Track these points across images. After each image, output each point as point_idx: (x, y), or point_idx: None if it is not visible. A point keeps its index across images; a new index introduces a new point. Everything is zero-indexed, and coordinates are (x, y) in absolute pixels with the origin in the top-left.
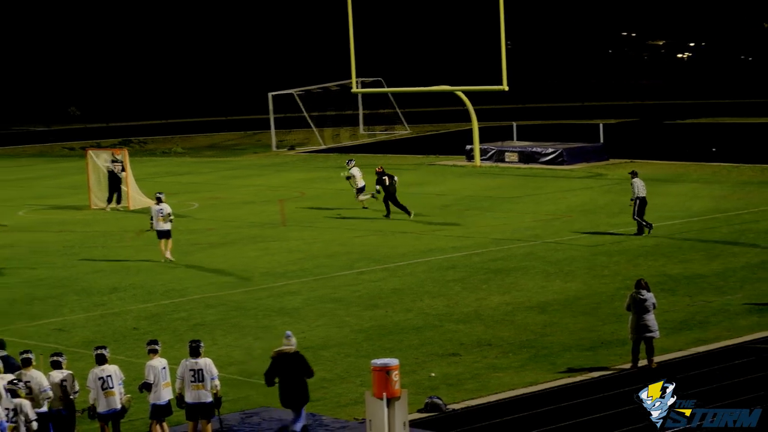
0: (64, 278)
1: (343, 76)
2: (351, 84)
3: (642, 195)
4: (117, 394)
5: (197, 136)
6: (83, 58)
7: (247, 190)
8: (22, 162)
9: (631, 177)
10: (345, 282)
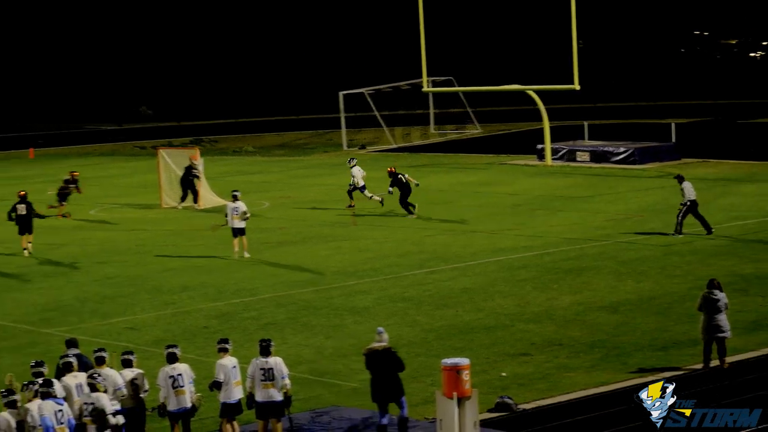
0: (136, 277)
1: (414, 75)
2: (422, 83)
3: (692, 198)
4: (187, 393)
5: (268, 135)
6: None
7: (317, 189)
8: (93, 160)
9: (679, 182)
10: (416, 281)
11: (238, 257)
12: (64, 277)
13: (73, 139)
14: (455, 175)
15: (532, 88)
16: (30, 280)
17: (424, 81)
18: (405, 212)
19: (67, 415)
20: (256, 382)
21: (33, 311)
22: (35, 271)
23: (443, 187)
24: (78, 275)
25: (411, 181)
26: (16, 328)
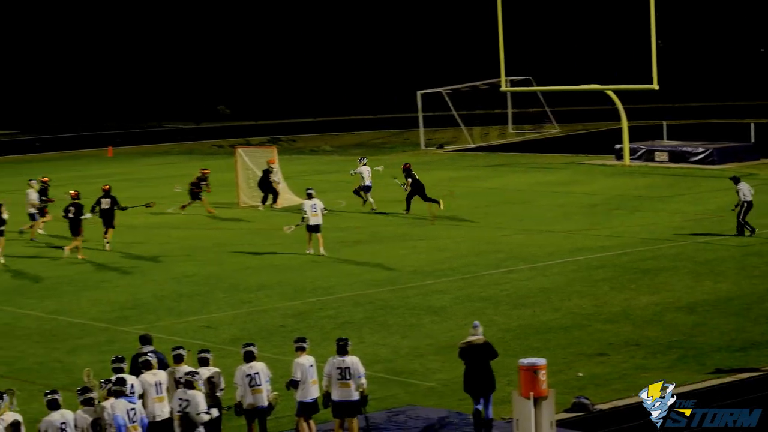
0: (212, 275)
1: (492, 74)
2: (500, 82)
3: (749, 199)
4: (264, 392)
5: (346, 134)
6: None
7: (394, 189)
8: (171, 159)
9: (735, 183)
10: (493, 281)
11: (314, 253)
12: (141, 275)
13: (151, 137)
14: (533, 174)
15: (610, 87)
16: (108, 278)
17: (502, 80)
18: (404, 208)
19: (139, 413)
20: (332, 381)
21: (110, 309)
22: (113, 269)
23: (521, 187)
24: (155, 273)
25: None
26: (94, 326)
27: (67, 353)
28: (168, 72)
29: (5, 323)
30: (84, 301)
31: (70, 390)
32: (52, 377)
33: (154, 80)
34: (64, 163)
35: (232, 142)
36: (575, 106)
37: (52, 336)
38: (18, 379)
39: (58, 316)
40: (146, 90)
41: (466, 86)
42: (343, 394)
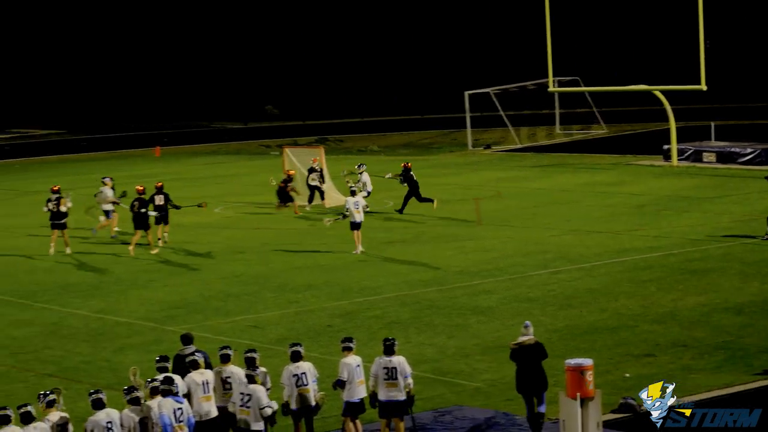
0: (260, 275)
1: (540, 75)
2: (548, 83)
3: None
4: (311, 391)
5: (393, 134)
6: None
7: (442, 189)
8: (219, 159)
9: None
10: (540, 281)
11: (358, 252)
12: (189, 274)
13: (198, 137)
14: (580, 175)
15: (658, 88)
16: (156, 277)
17: (549, 81)
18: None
19: (186, 413)
20: (379, 381)
21: (158, 309)
22: (161, 269)
23: (568, 187)
24: (203, 273)
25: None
26: (141, 325)
27: (114, 352)
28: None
29: (52, 322)
30: (131, 301)
31: (117, 389)
32: (99, 376)
33: (203, 80)
34: (111, 163)
35: (279, 142)
36: (623, 106)
37: (99, 335)
38: (65, 378)
39: (105, 315)
40: (195, 90)
41: (513, 86)
42: (389, 394)
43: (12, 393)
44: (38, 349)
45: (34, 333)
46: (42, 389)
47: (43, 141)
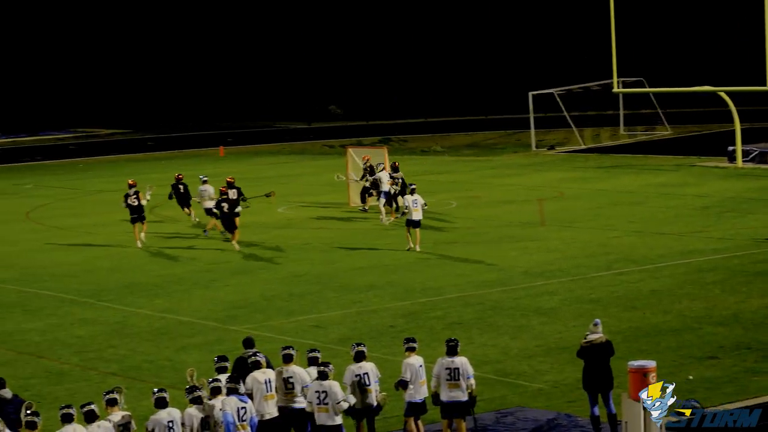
0: (322, 275)
1: (604, 75)
2: (612, 84)
3: None
4: (373, 392)
5: (457, 134)
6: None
7: (506, 189)
8: (282, 159)
9: None
10: (603, 283)
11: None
12: (251, 274)
13: (262, 137)
14: (644, 176)
15: (723, 89)
16: (218, 277)
17: (614, 82)
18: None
19: (250, 412)
20: (441, 382)
21: (220, 308)
22: (223, 269)
23: (632, 189)
24: (265, 273)
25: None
26: (204, 324)
27: (176, 351)
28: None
29: (116, 321)
30: (194, 300)
31: (179, 388)
32: (162, 375)
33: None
34: (176, 162)
35: (343, 142)
36: (687, 107)
37: (161, 334)
38: (127, 376)
39: (168, 314)
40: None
41: (578, 87)
42: (451, 394)
43: (76, 392)
44: (102, 347)
45: (98, 332)
46: (105, 388)
47: (107, 140)
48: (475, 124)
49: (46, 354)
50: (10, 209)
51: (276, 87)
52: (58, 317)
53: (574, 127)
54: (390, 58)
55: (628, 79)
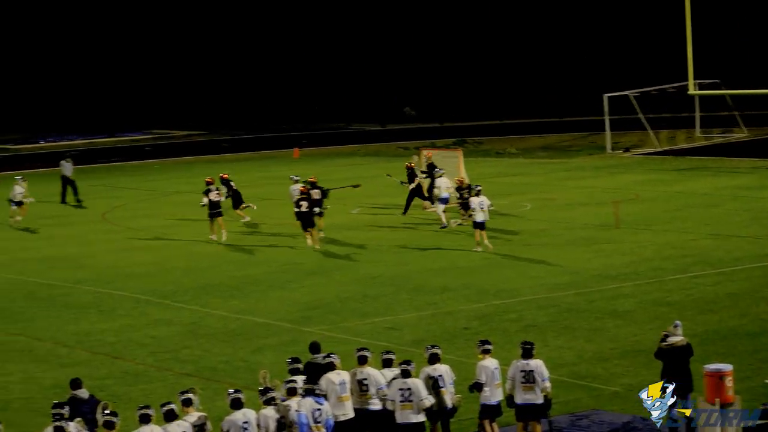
0: (397, 277)
1: (680, 77)
2: (688, 86)
3: None
4: (448, 393)
5: (531, 137)
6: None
7: (580, 192)
8: (357, 161)
9: None
10: (678, 286)
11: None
12: (326, 275)
13: (336, 139)
14: (720, 179)
15: None
16: (293, 278)
17: (690, 84)
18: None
19: (325, 414)
20: (516, 384)
21: (295, 309)
22: (298, 270)
23: (708, 191)
24: (340, 274)
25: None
26: (278, 326)
27: (251, 352)
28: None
29: (191, 322)
30: (269, 301)
31: (253, 389)
32: (237, 376)
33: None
34: (252, 164)
35: (416, 144)
36: (765, 109)
37: (237, 335)
38: (202, 377)
39: (243, 315)
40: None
41: (653, 89)
42: (526, 397)
43: (151, 392)
44: (177, 348)
45: (173, 332)
46: (180, 389)
47: (183, 142)
48: (549, 126)
49: (122, 354)
50: (87, 210)
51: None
52: (133, 318)
53: (649, 129)
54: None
55: (704, 80)
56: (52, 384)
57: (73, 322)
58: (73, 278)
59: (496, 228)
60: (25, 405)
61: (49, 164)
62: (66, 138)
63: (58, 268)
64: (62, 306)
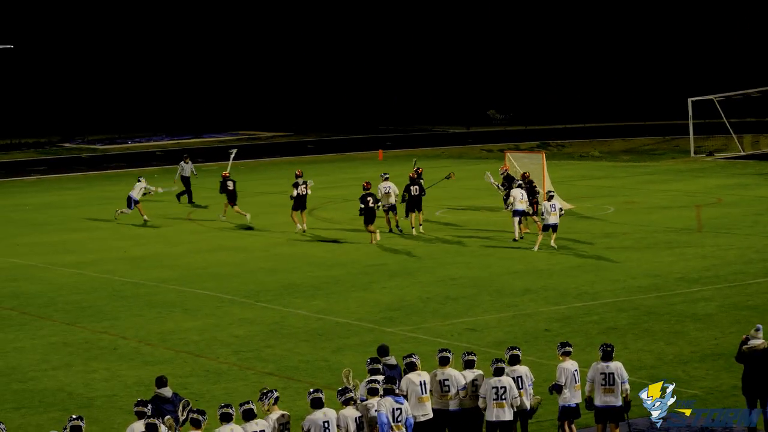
0: (478, 278)
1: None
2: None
3: None
4: (526, 395)
5: (614, 140)
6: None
7: (663, 195)
8: (441, 163)
9: None
10: (761, 289)
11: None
12: (408, 277)
13: (421, 141)
14: None
15: None
16: (375, 279)
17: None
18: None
19: (405, 414)
20: (596, 386)
21: (377, 310)
22: (380, 271)
23: None
24: (422, 275)
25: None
26: (360, 326)
27: (332, 352)
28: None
29: (274, 322)
30: (351, 302)
31: (334, 389)
32: (318, 376)
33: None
34: (336, 165)
35: (501, 146)
36: None
37: (318, 335)
38: (284, 376)
39: (325, 315)
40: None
41: (737, 94)
42: (606, 399)
43: (233, 391)
44: (259, 347)
45: (256, 332)
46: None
47: (268, 143)
48: (633, 130)
49: (205, 353)
50: (173, 211)
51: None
52: (216, 317)
53: (733, 133)
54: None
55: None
56: (135, 382)
57: (158, 320)
58: (158, 277)
59: (578, 230)
60: (108, 402)
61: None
62: (153, 139)
63: (144, 267)
64: (147, 305)
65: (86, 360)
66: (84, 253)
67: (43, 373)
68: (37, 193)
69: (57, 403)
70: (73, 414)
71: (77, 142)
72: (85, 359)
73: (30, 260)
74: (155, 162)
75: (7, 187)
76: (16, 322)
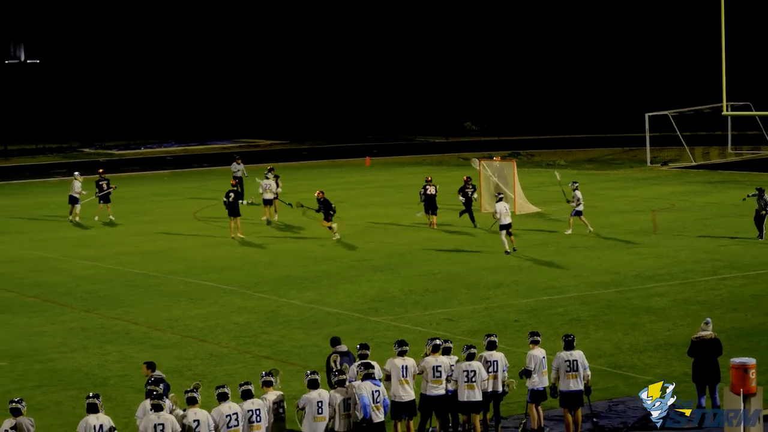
0: (455, 273)
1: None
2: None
3: None
4: (500, 378)
5: (579, 150)
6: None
7: (622, 200)
8: (423, 169)
9: None
10: (708, 286)
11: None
12: (392, 271)
13: (404, 149)
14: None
15: None
16: (362, 273)
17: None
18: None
19: (383, 395)
20: (561, 374)
21: (363, 301)
22: (366, 266)
23: (737, 202)
24: (404, 270)
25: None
26: (348, 315)
27: (323, 339)
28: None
29: (271, 310)
30: (340, 293)
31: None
32: (310, 360)
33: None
34: (328, 171)
35: (475, 155)
36: None
37: (311, 323)
38: (279, 359)
39: (317, 305)
40: (402, 107)
41: (689, 110)
42: (570, 384)
43: (232, 372)
44: (257, 333)
45: (254, 319)
46: (259, 370)
47: (267, 150)
48: (595, 141)
49: (208, 338)
50: (181, 210)
51: (418, 104)
52: (219, 306)
53: (685, 145)
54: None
55: (736, 102)
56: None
57: (166, 308)
58: (167, 270)
59: (545, 231)
60: (121, 381)
61: (146, 168)
62: (163, 145)
63: (154, 260)
64: (157, 294)
65: (101, 343)
66: (100, 247)
67: (62, 354)
68: (60, 193)
69: (75, 382)
70: (90, 392)
71: (95, 147)
72: (100, 342)
73: (52, 253)
74: (165, 166)
75: (32, 188)
76: (38, 308)
